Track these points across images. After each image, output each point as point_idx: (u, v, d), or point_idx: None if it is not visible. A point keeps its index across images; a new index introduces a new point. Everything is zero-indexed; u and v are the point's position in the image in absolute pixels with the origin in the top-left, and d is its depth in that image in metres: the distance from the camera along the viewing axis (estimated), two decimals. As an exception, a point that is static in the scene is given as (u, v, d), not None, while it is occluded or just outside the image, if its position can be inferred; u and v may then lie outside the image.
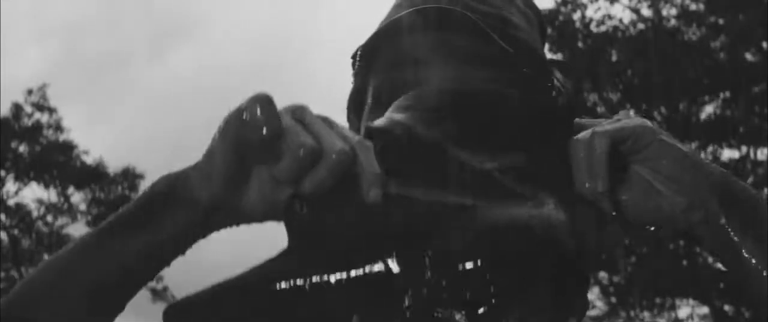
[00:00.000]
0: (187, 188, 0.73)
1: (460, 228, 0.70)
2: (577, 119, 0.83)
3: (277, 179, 0.71)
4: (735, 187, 0.79)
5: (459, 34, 0.94)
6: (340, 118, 1.06)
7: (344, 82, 1.06)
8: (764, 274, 0.76)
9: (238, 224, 0.77)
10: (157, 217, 0.74)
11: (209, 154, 0.73)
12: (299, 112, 0.72)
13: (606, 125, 0.78)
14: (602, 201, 0.77)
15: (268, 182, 0.72)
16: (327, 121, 0.73)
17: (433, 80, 0.94)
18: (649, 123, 0.78)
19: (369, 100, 0.98)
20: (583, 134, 0.78)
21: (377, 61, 0.98)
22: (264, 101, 0.69)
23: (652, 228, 0.80)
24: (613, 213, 0.78)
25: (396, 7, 1.02)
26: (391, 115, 0.78)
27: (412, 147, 0.75)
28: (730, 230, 0.77)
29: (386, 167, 0.71)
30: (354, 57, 1.02)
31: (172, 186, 0.74)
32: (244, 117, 0.69)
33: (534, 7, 1.08)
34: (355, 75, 1.03)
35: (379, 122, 0.77)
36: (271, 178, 0.72)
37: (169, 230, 0.74)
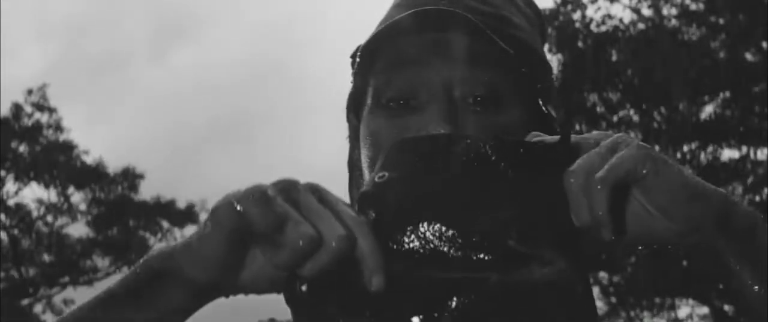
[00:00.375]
0: (181, 268, 0.73)
1: (471, 302, 0.69)
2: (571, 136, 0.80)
3: (277, 268, 0.71)
4: (735, 212, 0.77)
5: (459, 35, 0.94)
6: (340, 118, 1.06)
7: (344, 81, 1.06)
8: (763, 300, 0.74)
9: (235, 295, 0.77)
10: (152, 294, 0.74)
11: (201, 238, 0.72)
12: (292, 193, 0.71)
13: (604, 169, 0.73)
14: (602, 233, 0.74)
15: (266, 263, 0.72)
16: (318, 193, 0.72)
17: (433, 81, 0.94)
18: (646, 149, 0.75)
19: (368, 101, 0.98)
20: (580, 170, 0.74)
21: (377, 62, 0.98)
22: (258, 195, 0.69)
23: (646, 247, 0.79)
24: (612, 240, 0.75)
25: (396, 7, 1.02)
26: (383, 173, 0.76)
27: (406, 213, 0.73)
28: (728, 255, 0.75)
29: (383, 238, 0.71)
30: (353, 57, 1.02)
31: (166, 265, 0.74)
32: (238, 209, 0.69)
33: (534, 7, 1.07)
34: (355, 75, 1.02)
35: (370, 188, 0.75)
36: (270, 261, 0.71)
37: (164, 307, 0.74)
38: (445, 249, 0.71)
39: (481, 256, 0.71)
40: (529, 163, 0.76)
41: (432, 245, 0.72)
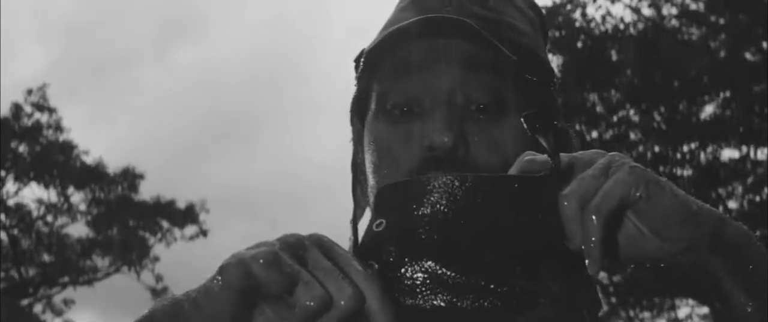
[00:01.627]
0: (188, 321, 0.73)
1: None
2: (562, 155, 0.80)
3: None
4: (729, 231, 0.77)
5: (462, 42, 0.94)
6: (340, 117, 1.06)
7: (346, 80, 1.06)
8: (755, 317, 0.74)
9: None
10: None
11: (208, 294, 0.72)
12: (299, 250, 0.71)
13: (598, 196, 0.74)
14: (590, 264, 0.74)
15: (274, 320, 0.72)
16: (324, 248, 0.72)
17: (436, 88, 0.93)
18: (638, 172, 0.75)
19: (372, 106, 0.98)
20: (573, 195, 0.74)
21: (381, 68, 0.98)
22: (267, 256, 0.69)
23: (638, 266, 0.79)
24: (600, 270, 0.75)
25: (400, 11, 1.02)
26: (380, 220, 0.75)
27: (409, 262, 0.73)
28: (720, 273, 0.76)
29: (389, 290, 0.71)
30: (357, 61, 1.02)
31: (172, 319, 0.73)
32: (247, 271, 0.69)
33: (536, 9, 1.07)
34: (359, 79, 1.02)
35: (370, 238, 0.75)
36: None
37: None
38: (454, 296, 0.72)
39: (490, 299, 0.71)
40: (523, 195, 0.75)
41: (440, 294, 0.72)
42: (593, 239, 0.72)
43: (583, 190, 0.74)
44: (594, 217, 0.72)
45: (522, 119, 0.84)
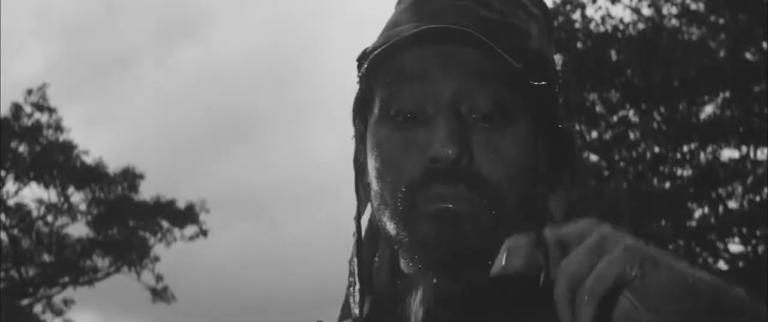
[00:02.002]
0: None
1: None
2: (549, 230, 0.78)
3: None
4: (727, 301, 0.76)
5: (466, 50, 0.93)
6: (345, 120, 1.06)
7: (346, 79, 1.05)
8: None
9: None
10: None
11: None
12: None
13: (592, 276, 0.73)
14: None
15: None
16: None
17: (440, 96, 0.93)
18: (633, 251, 0.74)
19: (375, 111, 0.98)
20: (564, 276, 0.73)
21: (384, 72, 0.97)
22: None
23: None
24: None
25: (401, 12, 1.01)
26: (382, 289, 0.77)
27: None
28: None
29: None
30: (360, 61, 1.02)
31: None
32: None
33: (541, 5, 1.06)
34: (361, 79, 1.02)
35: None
36: None
37: None
38: None
39: None
40: (512, 290, 0.75)
41: None
42: (585, 320, 0.72)
43: (573, 269, 0.73)
44: (586, 299, 0.72)
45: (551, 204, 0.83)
